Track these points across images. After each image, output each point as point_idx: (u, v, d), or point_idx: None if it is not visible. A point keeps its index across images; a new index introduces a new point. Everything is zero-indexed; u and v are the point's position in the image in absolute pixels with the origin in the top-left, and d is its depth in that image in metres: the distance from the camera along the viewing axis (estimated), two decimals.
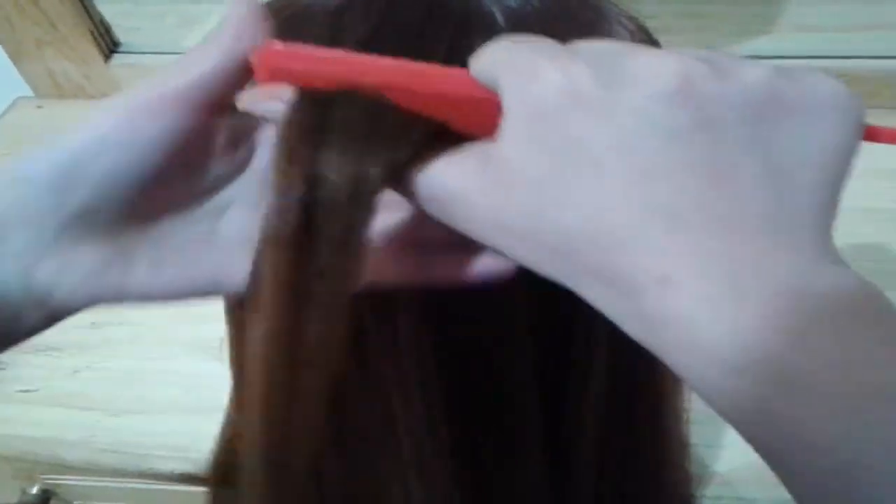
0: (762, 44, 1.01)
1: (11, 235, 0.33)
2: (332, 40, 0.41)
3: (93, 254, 0.34)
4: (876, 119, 0.34)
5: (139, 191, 0.34)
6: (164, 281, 0.36)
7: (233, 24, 0.33)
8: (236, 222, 0.37)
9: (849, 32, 1.02)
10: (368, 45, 0.40)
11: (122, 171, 0.33)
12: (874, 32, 1.02)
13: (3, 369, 0.81)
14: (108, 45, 1.11)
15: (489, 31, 0.40)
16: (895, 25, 1.02)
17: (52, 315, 0.34)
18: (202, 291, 0.37)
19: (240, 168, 0.37)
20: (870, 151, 0.90)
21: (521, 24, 0.41)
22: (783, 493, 0.65)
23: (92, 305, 0.35)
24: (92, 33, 1.07)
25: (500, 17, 0.41)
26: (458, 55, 0.40)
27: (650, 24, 0.46)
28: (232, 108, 0.36)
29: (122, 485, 0.79)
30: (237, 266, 0.36)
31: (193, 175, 0.36)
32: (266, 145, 0.37)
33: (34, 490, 0.83)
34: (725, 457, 0.70)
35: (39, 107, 1.15)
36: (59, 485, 0.83)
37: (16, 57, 1.10)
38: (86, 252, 0.34)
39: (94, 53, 1.09)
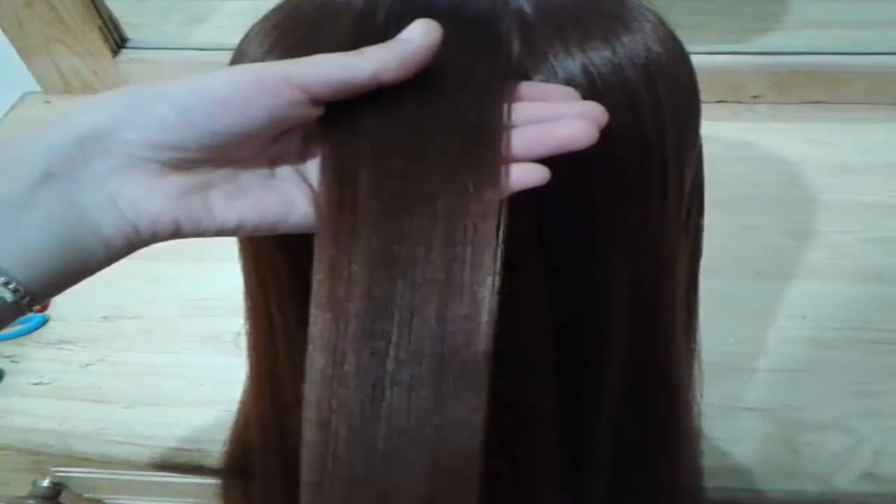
0: (773, 40, 1.01)
1: (96, 163, 0.36)
2: (364, 28, 0.41)
3: (176, 183, 0.37)
4: (878, 116, 0.34)
5: (233, 144, 0.37)
6: (237, 212, 0.39)
7: (405, 52, 0.38)
8: (288, 171, 0.40)
9: (851, 29, 1.03)
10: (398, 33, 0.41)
11: (229, 128, 0.37)
12: (877, 30, 1.03)
13: (16, 362, 0.81)
14: (116, 41, 1.11)
15: (518, 21, 0.41)
16: None
17: (134, 240, 0.37)
18: (268, 225, 0.39)
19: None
20: (874, 148, 0.91)
21: (548, 13, 0.42)
22: (795, 485, 0.66)
23: (174, 234, 0.38)
24: (100, 29, 1.07)
25: (528, 7, 0.42)
26: (494, 48, 0.40)
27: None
28: None
29: (132, 477, 0.79)
30: (294, 205, 0.40)
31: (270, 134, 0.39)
32: None
33: (45, 482, 0.83)
34: (738, 450, 0.70)
35: (47, 102, 1.15)
36: (69, 477, 0.83)
37: (24, 53, 1.10)
38: (170, 182, 0.37)
39: (102, 49, 1.09)
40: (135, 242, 0.37)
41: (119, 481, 0.80)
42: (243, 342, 0.57)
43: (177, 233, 0.38)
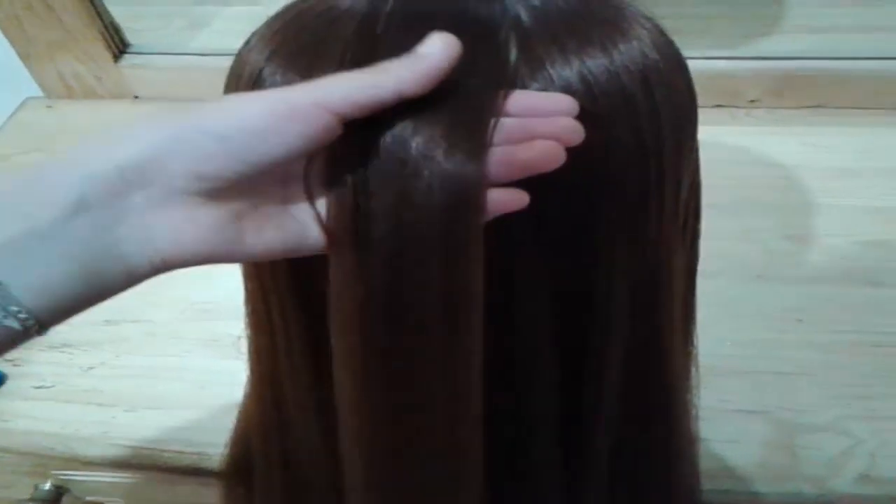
0: (771, 45, 1.02)
1: (134, 194, 0.36)
2: (366, 35, 0.42)
3: (211, 216, 0.37)
4: (875, 120, 0.35)
5: (266, 172, 0.37)
6: (263, 241, 0.39)
7: (425, 68, 0.38)
8: (298, 194, 0.41)
9: (849, 34, 1.04)
10: (401, 40, 0.41)
11: (265, 157, 0.37)
12: (874, 34, 1.04)
13: (18, 366, 0.81)
14: (118, 46, 1.12)
15: (516, 29, 0.42)
16: (895, 28, 1.03)
17: (160, 269, 0.38)
18: (289, 250, 0.40)
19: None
20: (871, 152, 0.92)
21: (545, 22, 0.42)
22: (792, 487, 0.66)
23: (202, 262, 0.38)
24: (102, 34, 1.08)
25: (525, 16, 0.42)
26: (491, 56, 0.41)
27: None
28: None
29: (134, 480, 0.79)
30: (308, 227, 0.40)
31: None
32: None
33: (47, 486, 0.83)
34: (735, 452, 0.71)
35: (49, 107, 1.16)
36: (71, 480, 0.83)
37: (26, 57, 1.11)
38: (206, 214, 0.37)
39: (104, 54, 1.10)
40: (160, 270, 0.38)
41: (120, 485, 0.80)
42: (244, 345, 0.57)
43: (208, 261, 0.38)
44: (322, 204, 0.40)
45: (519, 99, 0.39)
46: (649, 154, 0.43)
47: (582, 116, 0.40)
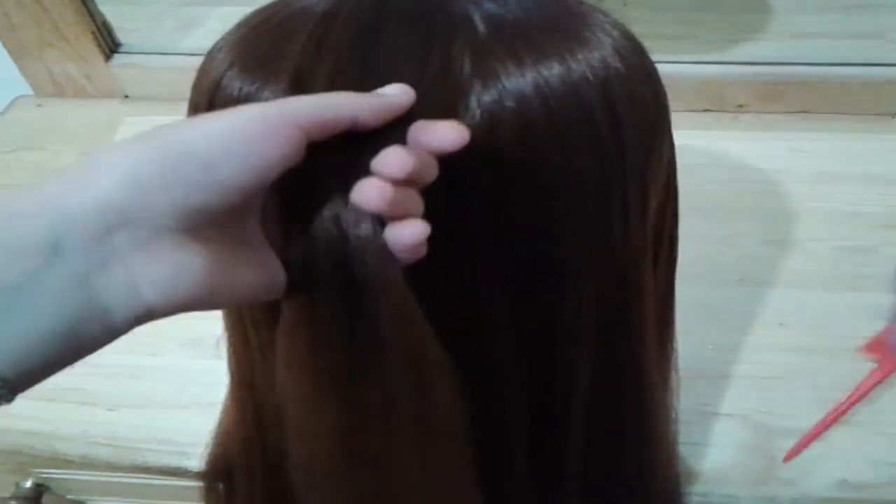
0: (759, 50, 1.02)
1: (116, 235, 0.32)
2: (318, 47, 0.42)
3: (202, 257, 0.34)
4: (860, 126, 0.35)
5: (248, 202, 0.36)
6: (246, 284, 0.37)
7: (382, 104, 0.37)
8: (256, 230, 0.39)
9: (836, 40, 1.04)
10: (352, 53, 0.41)
11: (250, 182, 0.34)
12: (861, 41, 1.04)
13: None
14: (109, 45, 1.11)
15: (471, 40, 0.41)
16: (882, 34, 1.03)
17: (143, 320, 0.35)
18: (269, 291, 0.38)
19: None
20: (856, 157, 0.92)
21: (501, 32, 0.42)
22: (768, 491, 0.66)
23: (189, 309, 0.36)
24: (93, 34, 1.08)
25: (480, 25, 0.42)
26: (444, 67, 0.41)
27: (642, 31, 0.47)
28: None
29: (115, 479, 0.79)
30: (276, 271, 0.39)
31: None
32: None
33: (28, 484, 0.83)
34: (713, 455, 0.71)
35: (40, 105, 1.16)
36: (52, 479, 0.83)
37: (17, 56, 1.11)
38: (195, 256, 0.34)
39: (95, 53, 1.10)
40: (141, 321, 0.34)
41: (102, 483, 0.81)
42: (223, 347, 0.58)
43: (188, 309, 0.36)
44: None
45: (415, 129, 0.38)
46: (610, 165, 0.43)
47: (539, 128, 0.40)
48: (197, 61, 1.12)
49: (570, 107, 0.41)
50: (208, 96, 0.44)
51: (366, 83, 0.39)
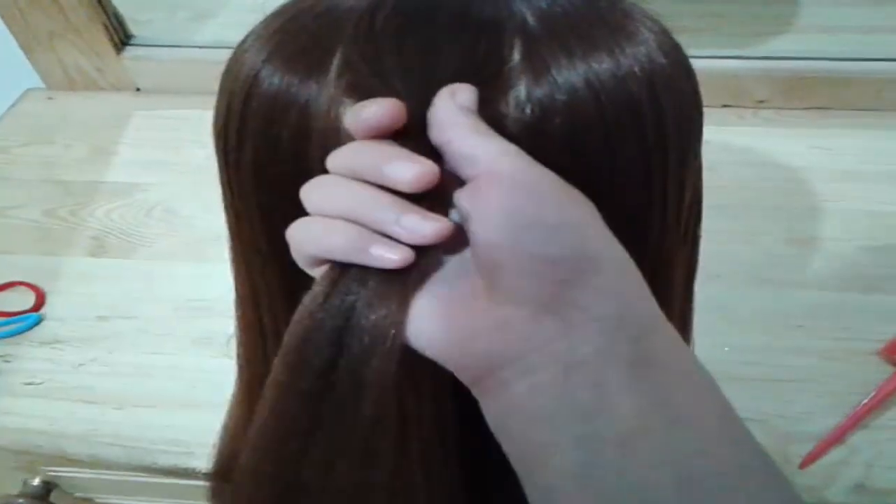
0: (781, 44, 1.00)
1: None
2: (366, 36, 0.41)
3: None
4: (884, 123, 0.33)
5: None
6: None
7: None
8: None
9: (860, 34, 1.02)
10: (400, 43, 0.40)
11: None
12: (885, 35, 1.02)
13: (8, 361, 0.81)
14: (121, 37, 1.11)
15: (521, 32, 0.40)
16: None
17: None
18: None
19: None
20: (880, 155, 0.90)
21: (551, 24, 0.41)
22: None
23: None
24: (105, 26, 1.07)
25: (531, 19, 0.41)
26: (493, 58, 0.40)
27: (669, 24, 0.45)
28: None
29: (123, 477, 0.79)
30: None
31: None
32: None
33: (36, 481, 0.83)
34: None
35: (50, 98, 1.15)
36: (60, 476, 0.83)
37: (28, 48, 1.10)
38: None
39: (106, 46, 1.09)
40: None
41: (110, 481, 0.80)
42: (234, 347, 0.57)
43: None
44: None
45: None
46: (653, 160, 0.42)
47: (589, 123, 0.39)
48: (210, 54, 1.13)
49: (619, 101, 0.40)
50: (245, 90, 0.43)
51: (417, 72, 0.39)
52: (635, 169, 0.42)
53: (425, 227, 0.35)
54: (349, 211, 0.37)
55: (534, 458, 0.34)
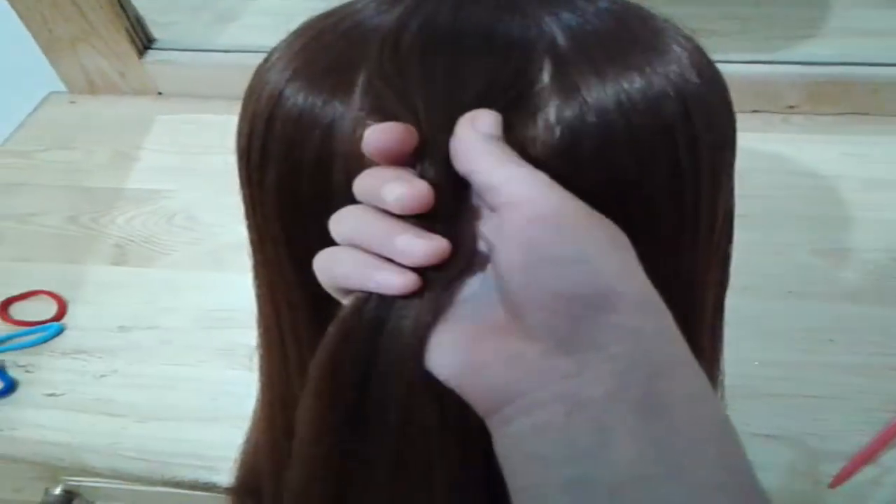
0: (810, 48, 0.98)
1: None
2: (391, 57, 0.40)
3: None
4: None
5: None
6: None
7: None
8: None
9: (893, 38, 1.00)
10: (426, 63, 0.39)
11: None
12: None
13: (30, 372, 0.81)
14: (143, 41, 1.11)
15: (551, 52, 0.39)
16: None
17: None
18: None
19: None
20: None
21: (581, 44, 0.40)
22: None
23: None
24: (127, 30, 1.07)
25: (561, 38, 0.40)
26: (522, 80, 0.39)
27: (695, 27, 0.45)
28: None
29: (145, 489, 0.79)
30: None
31: None
32: None
33: (57, 490, 0.83)
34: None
35: (72, 102, 1.15)
36: (82, 486, 0.83)
37: (50, 52, 1.11)
38: None
39: (128, 50, 1.09)
40: None
41: (131, 492, 0.80)
42: (256, 360, 0.56)
43: None
44: None
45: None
46: (686, 183, 0.41)
47: (619, 145, 0.38)
48: (232, 58, 1.12)
49: (651, 122, 0.39)
50: (268, 109, 0.42)
51: (441, 94, 0.38)
52: (666, 191, 0.41)
53: (415, 246, 0.34)
54: (354, 236, 0.37)
55: (528, 497, 0.33)
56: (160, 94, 1.15)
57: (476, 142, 0.35)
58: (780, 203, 0.90)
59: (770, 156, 0.94)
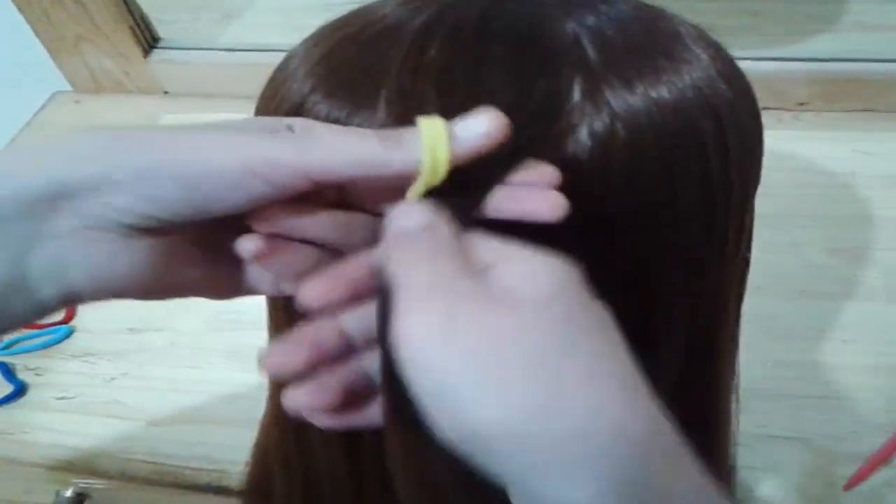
0: (822, 44, 0.98)
1: (59, 212, 0.32)
2: (415, 71, 0.39)
3: (143, 249, 0.34)
4: None
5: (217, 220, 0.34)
6: (196, 277, 0.36)
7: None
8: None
9: None
10: (452, 79, 0.38)
11: (227, 209, 0.33)
12: None
13: (41, 375, 0.81)
14: (148, 40, 1.10)
15: (581, 62, 0.39)
16: None
17: (73, 301, 0.34)
18: (210, 294, 0.38)
19: None
20: None
21: (612, 57, 0.39)
22: None
23: (123, 297, 0.35)
24: (132, 29, 1.07)
25: (591, 51, 0.39)
26: (552, 95, 0.38)
27: (704, 22, 0.44)
28: None
29: (156, 493, 0.79)
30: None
31: None
32: None
33: (68, 493, 0.83)
34: (773, 481, 0.69)
35: (77, 101, 1.15)
36: (92, 489, 0.83)
37: (55, 52, 1.10)
38: (137, 247, 0.33)
39: (133, 49, 1.08)
40: (71, 303, 0.34)
41: (143, 495, 0.80)
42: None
43: (122, 297, 0.35)
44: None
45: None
46: (717, 199, 0.41)
47: (649, 159, 0.38)
48: (237, 56, 1.11)
49: (682, 134, 0.39)
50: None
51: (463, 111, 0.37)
52: (698, 208, 0.40)
53: None
54: None
55: None
56: (166, 93, 1.14)
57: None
58: (792, 201, 0.89)
59: (781, 153, 0.94)
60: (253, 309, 0.50)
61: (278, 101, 0.43)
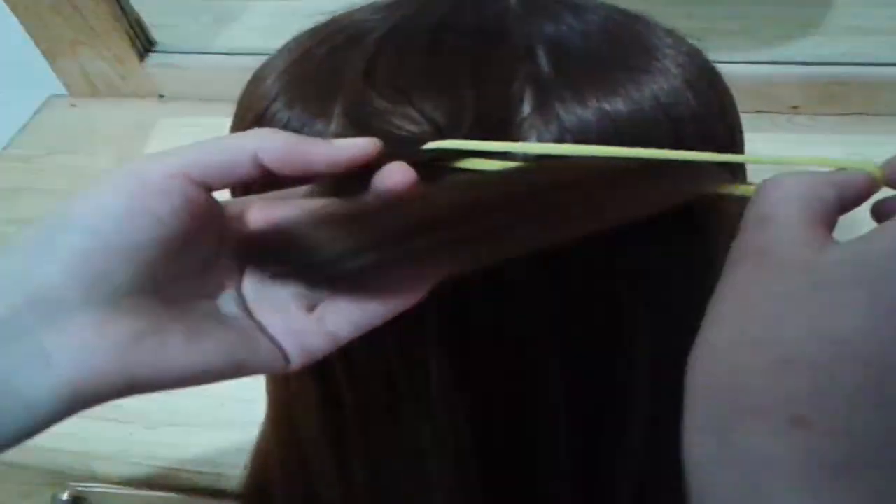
0: (815, 48, 0.98)
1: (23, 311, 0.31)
2: (366, 83, 0.40)
3: (126, 329, 0.32)
4: None
5: (161, 265, 0.33)
6: (200, 356, 0.34)
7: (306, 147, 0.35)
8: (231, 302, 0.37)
9: None
10: (406, 90, 0.39)
11: (145, 242, 0.33)
12: None
13: None
14: (144, 44, 1.10)
15: (533, 74, 0.39)
16: None
17: (73, 403, 0.33)
18: (236, 366, 0.35)
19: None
20: None
21: (564, 64, 0.39)
22: None
23: (126, 389, 0.34)
24: (128, 33, 1.06)
25: (543, 59, 0.39)
26: (501, 103, 0.38)
27: (690, 26, 0.44)
28: None
29: (154, 496, 0.79)
30: (257, 341, 0.36)
31: (196, 250, 0.36)
32: None
33: (65, 497, 0.82)
34: None
35: (73, 105, 1.15)
36: (89, 492, 0.82)
37: (50, 55, 1.10)
38: (119, 328, 0.32)
39: (129, 53, 1.08)
40: (74, 403, 0.33)
41: (139, 498, 0.80)
42: None
43: (130, 388, 0.34)
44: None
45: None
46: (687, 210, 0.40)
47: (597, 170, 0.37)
48: (233, 60, 1.11)
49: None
50: (254, 125, 0.42)
51: (411, 121, 0.38)
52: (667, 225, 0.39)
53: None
54: None
55: None
56: (162, 96, 1.14)
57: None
58: None
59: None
60: None
61: (248, 101, 0.44)
